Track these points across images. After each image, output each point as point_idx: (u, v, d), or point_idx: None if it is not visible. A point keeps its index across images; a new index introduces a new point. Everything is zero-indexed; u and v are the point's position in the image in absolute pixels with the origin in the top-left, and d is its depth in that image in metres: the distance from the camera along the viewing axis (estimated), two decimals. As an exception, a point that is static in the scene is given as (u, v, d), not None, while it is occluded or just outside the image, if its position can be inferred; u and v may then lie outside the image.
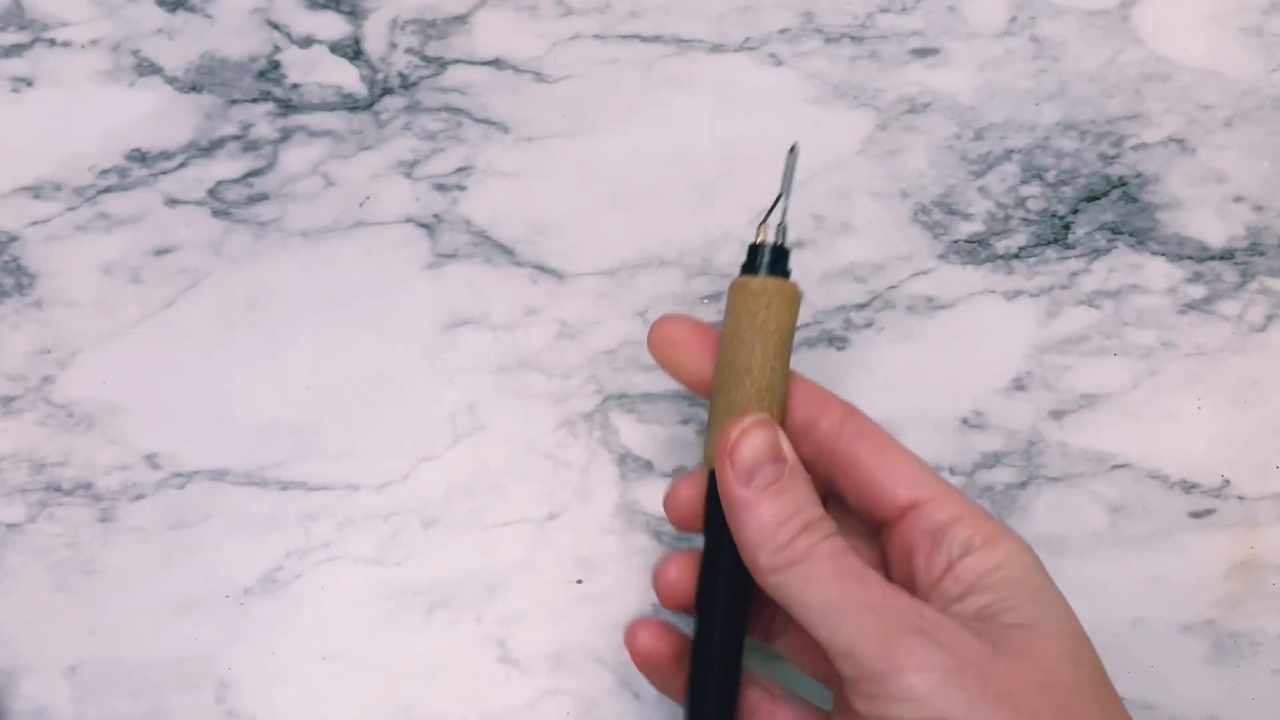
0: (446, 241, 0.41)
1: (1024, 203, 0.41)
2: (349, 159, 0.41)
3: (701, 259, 0.41)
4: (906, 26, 0.43)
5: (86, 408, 0.39)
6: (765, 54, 0.42)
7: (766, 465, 0.30)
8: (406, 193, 0.41)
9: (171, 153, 0.41)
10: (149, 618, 0.38)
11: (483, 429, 0.40)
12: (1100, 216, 0.41)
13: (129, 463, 0.39)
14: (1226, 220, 0.41)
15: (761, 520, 0.29)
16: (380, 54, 0.42)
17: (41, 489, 0.39)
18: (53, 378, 0.40)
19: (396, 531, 0.39)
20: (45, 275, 0.40)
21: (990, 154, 0.42)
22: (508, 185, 0.41)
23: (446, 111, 0.42)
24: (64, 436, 0.39)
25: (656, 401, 0.40)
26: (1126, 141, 0.42)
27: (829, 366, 0.40)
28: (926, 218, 0.41)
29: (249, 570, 0.39)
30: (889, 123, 0.42)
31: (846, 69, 0.42)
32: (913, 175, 0.42)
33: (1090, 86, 0.42)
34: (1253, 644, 0.39)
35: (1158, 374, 0.40)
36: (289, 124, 0.41)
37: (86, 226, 0.41)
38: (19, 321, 0.40)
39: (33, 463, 0.39)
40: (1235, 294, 0.41)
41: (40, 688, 0.38)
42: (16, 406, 0.39)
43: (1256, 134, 0.42)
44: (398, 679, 0.38)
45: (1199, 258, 0.41)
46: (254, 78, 0.42)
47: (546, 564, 0.39)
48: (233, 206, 0.41)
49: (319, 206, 0.41)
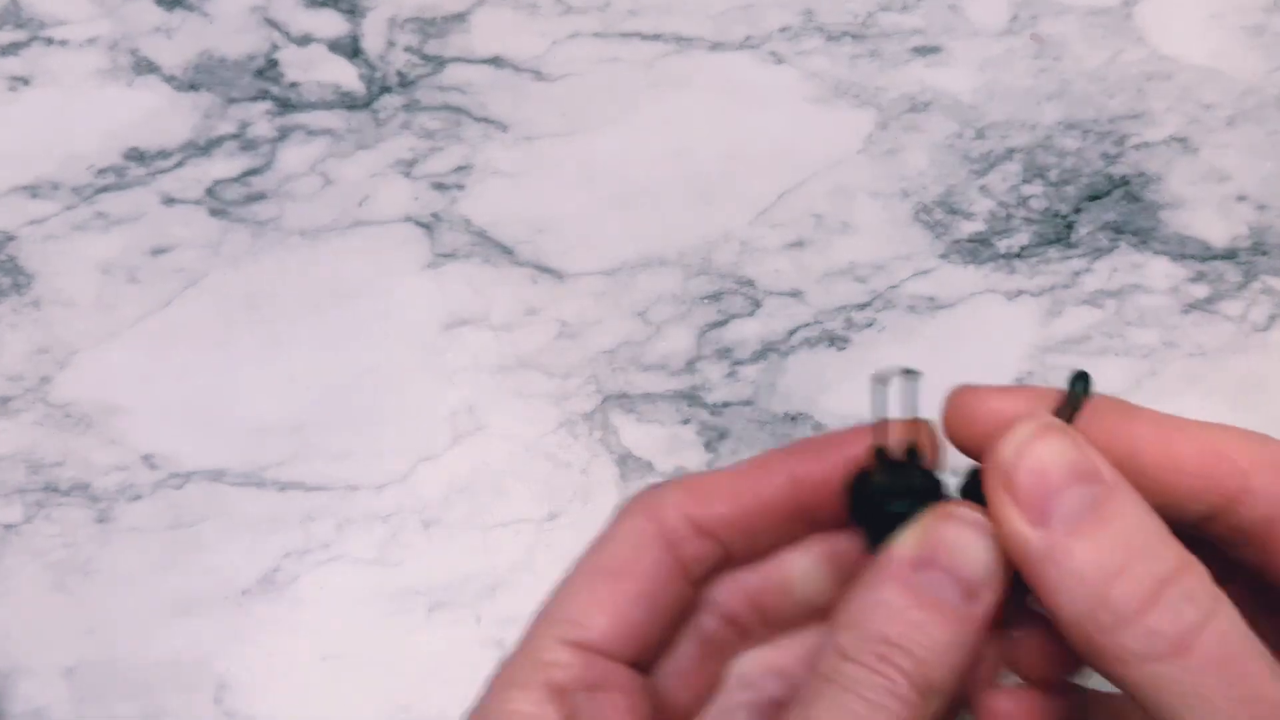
0: (446, 241, 0.41)
1: (1026, 202, 0.41)
2: (347, 158, 0.41)
3: (701, 259, 0.41)
4: (908, 25, 0.42)
5: (84, 408, 0.39)
6: (766, 52, 0.42)
7: (1071, 487, 0.20)
8: (405, 192, 0.41)
9: (169, 152, 0.41)
10: (147, 618, 0.38)
11: (482, 429, 0.40)
12: (1102, 216, 0.41)
13: (127, 463, 0.39)
14: (1229, 220, 0.41)
15: (1079, 573, 0.20)
16: (379, 52, 0.42)
17: (39, 489, 0.39)
18: (50, 378, 0.40)
19: (396, 532, 0.39)
20: (43, 275, 0.40)
21: (992, 153, 0.42)
22: (507, 184, 0.41)
23: (445, 110, 0.42)
24: (62, 437, 0.39)
25: (656, 401, 0.40)
26: (1129, 140, 0.42)
27: (829, 367, 0.40)
28: (928, 217, 0.41)
29: (248, 571, 0.39)
30: (890, 121, 0.42)
31: (847, 67, 0.42)
32: (914, 174, 0.41)
33: (1092, 85, 0.42)
34: (1255, 645, 0.39)
35: (1160, 374, 0.40)
36: (287, 123, 0.41)
37: (84, 226, 0.41)
38: (16, 321, 0.40)
39: (30, 463, 0.39)
40: (1238, 294, 0.41)
41: (38, 689, 0.38)
42: (14, 406, 0.39)
43: (1259, 133, 0.42)
44: (397, 679, 0.38)
45: (1201, 257, 0.41)
46: (252, 76, 0.42)
47: (546, 564, 0.39)
48: (231, 206, 0.41)
49: (317, 205, 0.41)
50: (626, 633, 0.24)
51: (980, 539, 0.21)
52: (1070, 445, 0.21)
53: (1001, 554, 0.21)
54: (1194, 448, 0.21)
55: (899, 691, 0.20)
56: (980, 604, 0.21)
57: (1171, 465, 0.21)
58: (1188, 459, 0.21)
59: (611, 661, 0.24)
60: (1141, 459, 0.21)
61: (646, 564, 0.24)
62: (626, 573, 0.24)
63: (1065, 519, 0.20)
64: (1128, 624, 0.19)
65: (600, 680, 0.23)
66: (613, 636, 0.23)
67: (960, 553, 0.21)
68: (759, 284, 0.40)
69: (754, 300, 0.40)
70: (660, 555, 0.24)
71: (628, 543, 0.24)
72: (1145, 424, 0.22)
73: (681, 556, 0.25)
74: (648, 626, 0.24)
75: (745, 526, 0.25)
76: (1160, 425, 0.22)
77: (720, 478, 0.25)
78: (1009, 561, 0.21)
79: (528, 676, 0.23)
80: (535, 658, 0.23)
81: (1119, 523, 0.20)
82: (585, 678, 0.23)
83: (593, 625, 0.23)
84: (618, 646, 0.24)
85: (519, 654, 0.24)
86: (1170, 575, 0.19)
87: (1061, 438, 0.21)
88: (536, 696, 0.23)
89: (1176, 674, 0.19)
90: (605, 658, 0.23)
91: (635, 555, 0.24)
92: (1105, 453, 0.21)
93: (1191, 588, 0.19)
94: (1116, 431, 0.22)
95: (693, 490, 0.25)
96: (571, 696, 0.23)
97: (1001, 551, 0.21)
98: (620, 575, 0.24)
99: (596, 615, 0.24)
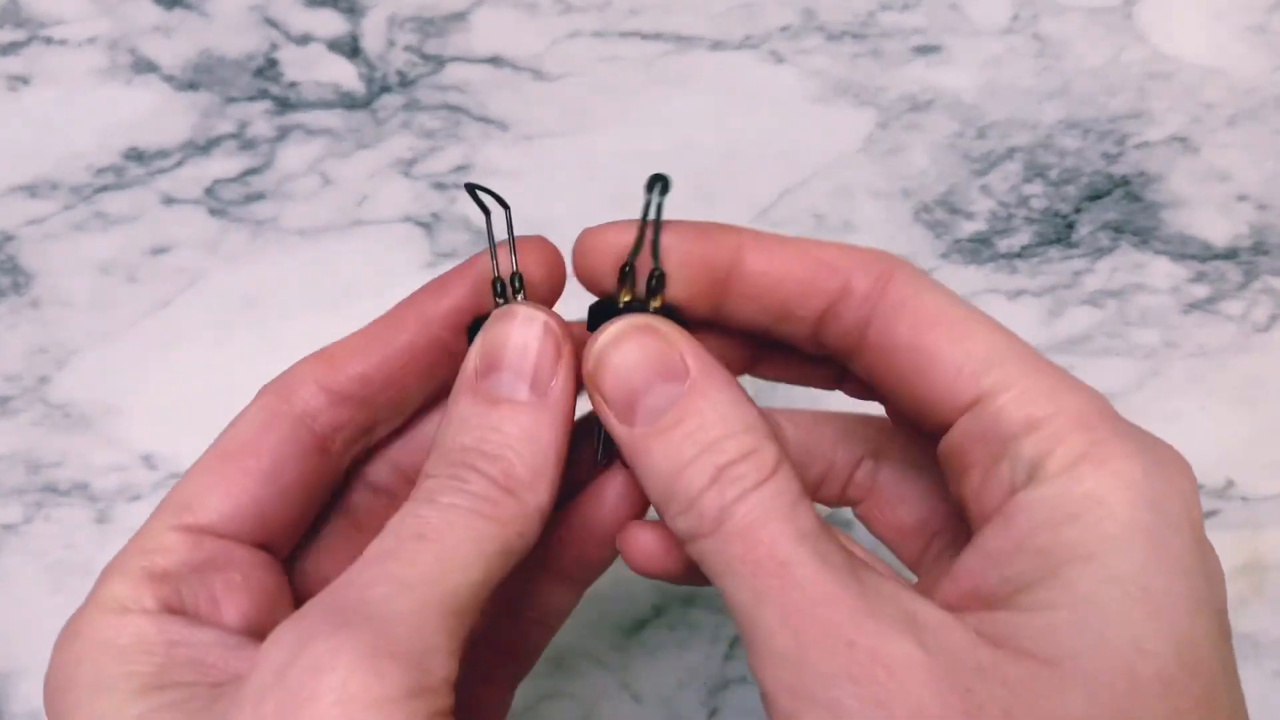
0: (445, 240, 0.41)
1: (1027, 201, 0.41)
2: (347, 157, 0.41)
3: (702, 258, 0.41)
4: (908, 24, 0.42)
5: (83, 408, 0.39)
6: (766, 52, 0.42)
7: (654, 386, 0.21)
8: (405, 191, 0.41)
9: (168, 151, 0.41)
10: (146, 619, 0.38)
11: (482, 429, 0.40)
12: (1103, 215, 0.41)
13: (126, 463, 0.39)
14: (1230, 219, 0.41)
15: (656, 468, 0.21)
16: (378, 51, 0.42)
17: (38, 489, 0.39)
18: (49, 378, 0.39)
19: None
20: (42, 275, 0.40)
21: (993, 152, 0.42)
22: (507, 184, 0.41)
23: (445, 109, 0.42)
24: (60, 437, 0.39)
25: (656, 401, 0.40)
26: (1129, 140, 0.42)
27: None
28: (929, 216, 0.41)
29: (247, 571, 0.38)
30: (890, 121, 0.42)
31: (848, 67, 0.42)
32: (914, 174, 0.41)
33: (1093, 84, 0.42)
34: (1255, 645, 0.39)
35: (1161, 374, 0.40)
36: (286, 122, 0.41)
37: (83, 225, 0.40)
38: (15, 321, 0.40)
39: (29, 463, 0.39)
40: (1239, 294, 0.41)
41: (37, 690, 0.38)
42: (13, 406, 0.39)
43: (1260, 132, 0.42)
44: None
45: (1202, 257, 0.41)
46: (251, 75, 0.42)
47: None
48: (230, 205, 0.41)
49: (316, 205, 0.41)
50: (248, 513, 0.23)
51: (540, 331, 0.22)
52: (655, 343, 0.21)
53: (568, 341, 0.22)
54: (795, 255, 0.23)
55: (474, 489, 0.21)
56: (554, 392, 0.22)
57: (775, 273, 0.23)
58: (790, 266, 0.23)
59: (228, 541, 0.23)
60: (745, 269, 0.23)
61: (272, 441, 0.23)
62: (248, 452, 0.23)
63: (645, 418, 0.21)
64: (685, 510, 0.20)
65: (211, 561, 0.23)
66: (230, 518, 0.23)
67: (521, 349, 0.22)
68: (759, 284, 0.40)
69: (754, 300, 0.40)
70: (288, 432, 0.24)
71: (254, 423, 0.24)
72: (750, 237, 0.23)
73: (316, 429, 0.24)
74: (276, 505, 0.24)
75: (385, 382, 0.24)
76: (763, 239, 0.23)
77: (353, 339, 0.24)
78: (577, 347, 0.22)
79: (129, 562, 0.22)
80: (141, 544, 0.23)
81: (694, 419, 0.21)
82: (192, 560, 0.23)
83: (206, 507, 0.23)
84: (238, 527, 0.23)
85: (129, 544, 0.23)
86: (729, 462, 0.20)
87: (646, 337, 0.21)
88: (134, 580, 0.22)
89: (712, 546, 0.20)
90: (222, 538, 0.23)
91: (259, 435, 0.24)
92: (709, 263, 0.23)
93: (743, 471, 0.20)
94: (721, 242, 0.23)
95: (325, 357, 0.24)
96: (175, 579, 0.22)
97: (568, 338, 0.22)
98: (241, 455, 0.23)
99: (210, 497, 0.23)
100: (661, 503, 0.21)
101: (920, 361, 0.21)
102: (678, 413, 0.21)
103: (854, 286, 0.22)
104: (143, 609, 0.22)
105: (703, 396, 0.21)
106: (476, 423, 0.22)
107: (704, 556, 0.20)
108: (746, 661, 0.22)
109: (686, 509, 0.20)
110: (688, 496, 0.20)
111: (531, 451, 0.21)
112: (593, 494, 0.25)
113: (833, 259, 0.23)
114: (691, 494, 0.20)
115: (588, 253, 0.24)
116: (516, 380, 0.22)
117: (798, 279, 0.23)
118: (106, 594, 0.22)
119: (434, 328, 0.24)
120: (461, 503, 0.21)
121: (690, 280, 0.23)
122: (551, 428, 0.22)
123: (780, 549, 0.19)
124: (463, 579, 0.20)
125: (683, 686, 0.38)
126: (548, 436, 0.22)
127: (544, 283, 0.24)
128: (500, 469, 0.21)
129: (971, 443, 0.21)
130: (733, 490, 0.20)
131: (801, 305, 0.23)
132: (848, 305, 0.22)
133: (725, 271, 0.23)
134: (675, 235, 0.23)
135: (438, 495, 0.21)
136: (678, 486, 0.20)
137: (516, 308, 0.23)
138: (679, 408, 0.21)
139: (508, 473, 0.21)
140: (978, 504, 0.21)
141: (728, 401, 0.21)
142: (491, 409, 0.22)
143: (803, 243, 0.23)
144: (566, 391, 0.22)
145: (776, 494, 0.20)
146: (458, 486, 0.21)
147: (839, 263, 0.23)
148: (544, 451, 0.22)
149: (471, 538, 0.20)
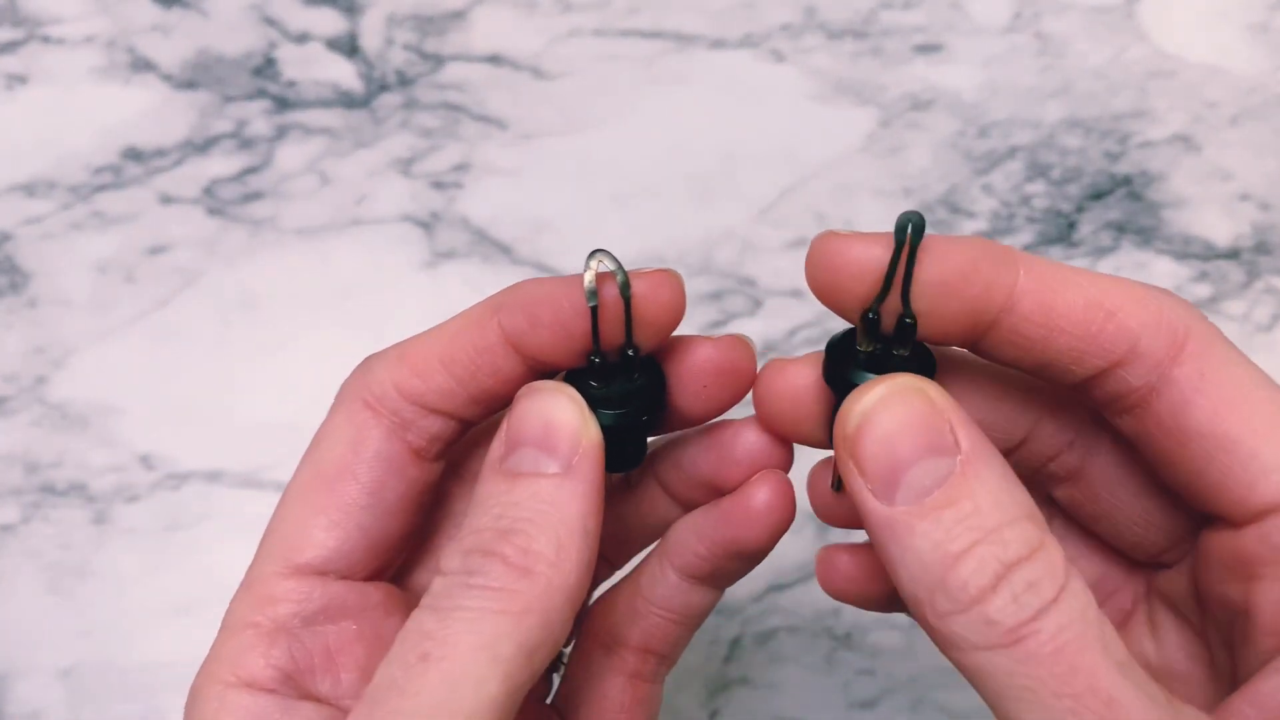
0: (444, 240, 0.41)
1: (1028, 200, 0.41)
2: (345, 156, 0.41)
3: (702, 257, 0.40)
4: (909, 22, 0.42)
5: (80, 408, 0.39)
6: (767, 50, 0.42)
7: (921, 460, 0.18)
8: (403, 190, 0.41)
9: (166, 150, 0.41)
10: (144, 620, 0.38)
11: (481, 429, 0.39)
12: (1105, 214, 0.41)
13: (123, 464, 0.39)
14: (1232, 218, 0.41)
15: (920, 553, 0.18)
16: (377, 50, 0.42)
17: (35, 490, 0.39)
18: (46, 377, 0.39)
19: (394, 533, 0.39)
20: (39, 274, 0.40)
21: (994, 151, 0.41)
22: (506, 183, 0.41)
23: (444, 108, 0.41)
24: (58, 437, 0.39)
25: (656, 402, 0.40)
26: (1132, 139, 0.42)
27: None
28: (930, 216, 0.41)
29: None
30: (892, 120, 0.42)
31: (849, 65, 0.42)
32: (916, 173, 0.41)
33: (1095, 83, 0.42)
34: (1258, 647, 0.39)
35: (1163, 374, 0.40)
36: (285, 121, 0.41)
37: (81, 225, 0.40)
38: (13, 321, 0.40)
39: (26, 463, 0.39)
40: (1241, 293, 0.41)
41: (35, 691, 0.38)
42: (10, 406, 0.39)
43: (1263, 131, 0.42)
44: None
45: (1204, 256, 0.41)
46: (249, 74, 0.41)
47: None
48: (228, 204, 0.41)
49: (315, 204, 0.41)
50: (356, 543, 0.21)
51: (564, 403, 0.20)
52: (927, 411, 0.19)
53: (589, 414, 0.20)
54: (1079, 303, 0.19)
55: (485, 581, 0.19)
56: (582, 467, 0.20)
57: (1052, 325, 0.20)
58: (1070, 317, 0.19)
59: (339, 583, 0.21)
60: (1019, 317, 0.20)
61: (368, 459, 0.22)
62: (347, 474, 0.21)
63: (910, 496, 0.18)
64: (964, 611, 0.18)
65: (324, 611, 0.21)
66: (339, 552, 0.21)
67: (543, 423, 0.20)
68: (760, 283, 0.40)
69: (755, 300, 0.40)
70: (382, 445, 0.22)
71: (344, 439, 0.22)
72: (1025, 276, 0.20)
73: (409, 439, 0.22)
74: (382, 528, 0.22)
75: (470, 399, 0.22)
76: (1043, 277, 0.20)
77: (431, 343, 0.22)
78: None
79: (242, 616, 0.21)
80: (253, 594, 0.21)
81: (968, 502, 0.18)
82: (303, 611, 0.21)
83: (313, 543, 0.21)
84: (348, 562, 0.21)
85: (242, 590, 0.21)
86: (1016, 560, 0.18)
87: (914, 400, 0.19)
88: (247, 643, 0.21)
89: (1007, 664, 0.17)
90: (333, 577, 0.21)
91: (353, 452, 0.22)
92: (978, 312, 0.20)
93: (1036, 575, 0.17)
94: (993, 284, 0.20)
95: (406, 362, 0.22)
96: (288, 636, 0.21)
97: (588, 412, 0.20)
98: (340, 479, 0.21)
99: (315, 532, 0.21)
100: (925, 593, 0.18)
101: (1217, 451, 0.19)
102: (948, 492, 0.18)
103: (1143, 349, 0.19)
104: (250, 681, 0.20)
105: (975, 476, 0.18)
106: (495, 501, 0.20)
107: (987, 669, 0.17)
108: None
109: (965, 609, 0.17)
110: (966, 595, 0.17)
111: (554, 523, 0.19)
112: (740, 500, 0.24)
113: (1119, 306, 0.19)
114: (971, 593, 0.17)
115: (829, 268, 0.21)
116: (539, 454, 0.20)
117: (1076, 334, 0.20)
118: (223, 655, 0.21)
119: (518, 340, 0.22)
120: (470, 604, 0.19)
121: (945, 332, 0.20)
122: (577, 498, 0.20)
123: (1103, 682, 0.17)
124: (475, 698, 0.18)
125: (683, 688, 0.38)
126: (573, 508, 0.20)
127: (661, 331, 0.22)
128: (517, 546, 0.19)
129: (1272, 553, 0.19)
130: (1032, 601, 0.17)
131: (1078, 364, 0.20)
132: (1133, 370, 0.20)
133: (989, 324, 0.20)
134: (935, 272, 0.20)
135: (443, 600, 0.19)
136: (950, 580, 0.18)
137: (540, 384, 0.21)
138: (950, 487, 0.18)
139: (525, 549, 0.19)
140: (1274, 619, 0.19)
141: (1001, 483, 0.18)
142: (513, 485, 0.20)
143: (1082, 280, 0.20)
144: (594, 461, 0.20)
145: (1084, 610, 0.17)
146: (464, 583, 0.19)
147: (1128, 319, 0.19)
148: (568, 523, 0.19)
149: (482, 645, 0.18)
